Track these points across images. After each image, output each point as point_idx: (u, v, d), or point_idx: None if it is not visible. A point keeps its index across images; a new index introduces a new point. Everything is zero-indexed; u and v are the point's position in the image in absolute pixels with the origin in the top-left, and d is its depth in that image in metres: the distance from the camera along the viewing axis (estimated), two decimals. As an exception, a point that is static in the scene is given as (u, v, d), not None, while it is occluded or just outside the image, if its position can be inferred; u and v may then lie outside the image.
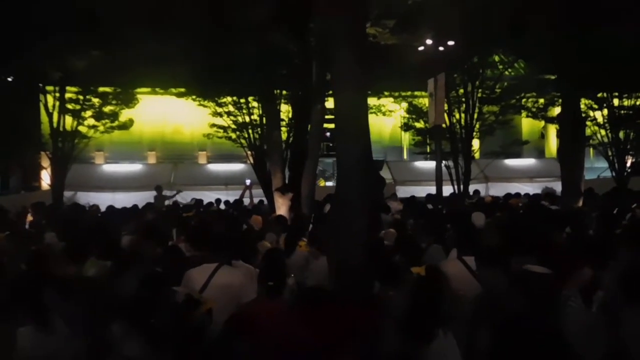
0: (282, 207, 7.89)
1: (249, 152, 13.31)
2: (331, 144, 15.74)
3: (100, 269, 3.88)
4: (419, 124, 15.50)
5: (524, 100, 15.32)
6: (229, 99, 13.32)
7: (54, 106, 12.65)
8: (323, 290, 3.04)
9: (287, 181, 8.62)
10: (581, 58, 8.62)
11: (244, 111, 13.19)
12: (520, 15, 9.51)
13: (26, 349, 2.64)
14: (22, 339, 2.67)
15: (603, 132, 13.72)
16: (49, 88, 12.75)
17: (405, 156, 20.62)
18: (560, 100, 11.06)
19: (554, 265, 3.07)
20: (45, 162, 13.26)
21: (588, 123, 13.12)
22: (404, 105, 16.26)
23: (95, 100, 13.15)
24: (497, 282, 3.00)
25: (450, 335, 2.55)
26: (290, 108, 12.18)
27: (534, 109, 15.41)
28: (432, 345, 2.50)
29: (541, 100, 15.23)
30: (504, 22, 10.29)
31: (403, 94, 16.14)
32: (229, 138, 14.05)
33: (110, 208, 9.32)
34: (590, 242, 3.97)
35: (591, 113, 13.60)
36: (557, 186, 10.62)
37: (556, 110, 14.36)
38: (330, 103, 8.92)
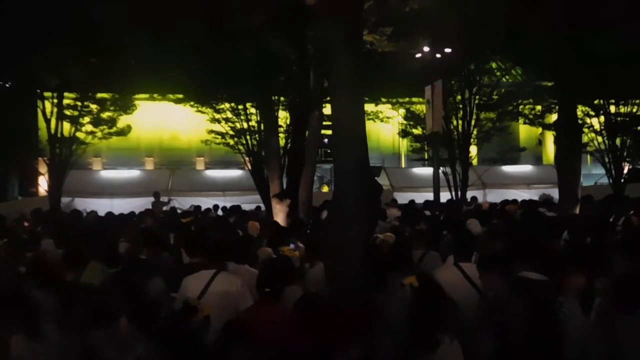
0: (279, 213, 7.90)
1: (246, 159, 13.31)
2: (329, 150, 15.77)
3: (101, 274, 3.88)
4: (417, 131, 15.56)
5: (521, 107, 15.41)
6: (227, 105, 13.34)
7: (51, 112, 12.64)
8: (318, 295, 3.04)
9: (284, 187, 8.63)
10: (578, 65, 8.67)
11: (242, 117, 13.20)
12: (517, 22, 9.59)
13: (19, 356, 2.62)
14: (15, 346, 2.65)
15: (600, 139, 13.79)
16: (47, 94, 12.76)
17: (402, 162, 20.67)
18: (557, 107, 11.12)
19: (549, 272, 3.08)
20: (43, 168, 13.24)
21: (585, 130, 13.19)
22: (402, 111, 16.32)
23: (93, 107, 13.17)
24: (498, 288, 3.01)
25: (456, 342, 2.55)
26: (288, 114, 12.22)
27: (531, 116, 15.49)
28: (437, 352, 2.49)
29: (538, 107, 15.31)
30: (500, 29, 10.36)
31: (401, 100, 16.21)
32: (227, 144, 14.06)
33: (109, 214, 9.30)
34: (586, 249, 3.98)
35: (588, 120, 13.67)
36: (555, 193, 10.65)
37: (553, 117, 14.43)
38: (328, 109, 8.98)
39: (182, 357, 2.61)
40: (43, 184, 13.74)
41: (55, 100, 12.66)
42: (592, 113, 13.68)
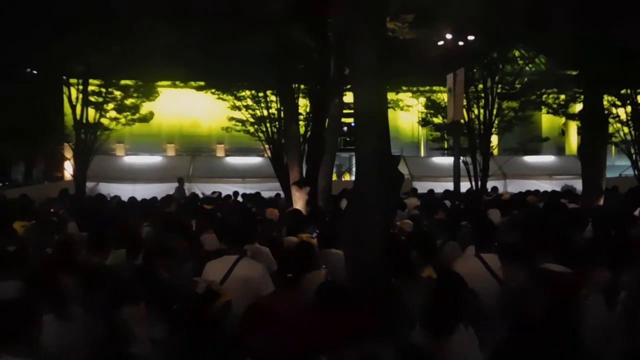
0: (299, 200, 7.93)
1: (266, 146, 13.41)
2: (348, 139, 15.74)
3: (122, 259, 3.99)
4: (437, 120, 15.40)
5: (544, 96, 15.09)
6: (248, 92, 13.42)
7: (77, 99, 12.93)
8: (341, 286, 3.05)
9: (304, 175, 8.66)
10: (603, 53, 8.42)
11: (262, 105, 13.28)
12: (541, 9, 9.34)
13: (47, 337, 2.72)
14: (46, 326, 2.75)
15: (626, 129, 13.44)
16: (73, 81, 13.04)
17: (422, 152, 20.50)
18: (582, 97, 10.85)
19: (572, 264, 3.05)
20: (68, 153, 13.58)
21: (610, 120, 12.85)
22: (422, 100, 16.16)
23: (117, 93, 13.40)
24: (519, 279, 3.00)
25: (471, 330, 2.57)
26: (308, 102, 12.21)
27: (554, 105, 15.16)
28: (452, 339, 2.51)
29: (562, 97, 14.97)
30: (524, 16, 10.12)
31: (421, 89, 16.04)
32: (247, 131, 14.17)
33: (132, 199, 9.49)
34: (611, 242, 3.91)
35: (614, 110, 13.31)
36: (577, 184, 10.45)
37: (577, 107, 14.09)
38: (348, 97, 8.96)
39: (201, 341, 2.68)
40: (68, 169, 14.08)
41: (81, 87, 12.93)
42: (619, 103, 13.32)
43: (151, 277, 3.13)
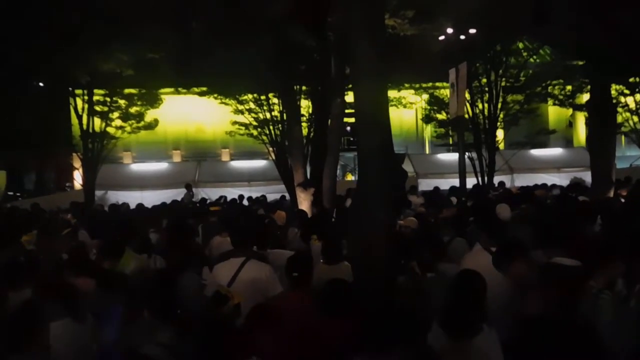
0: (304, 202, 7.93)
1: (270, 149, 13.43)
2: (352, 138, 15.74)
3: (137, 263, 4.03)
4: (441, 116, 15.32)
5: (550, 87, 14.95)
6: (250, 96, 13.47)
7: (83, 108, 13.06)
8: (348, 287, 3.03)
9: (308, 176, 8.66)
10: (611, 41, 8.30)
11: (265, 108, 13.32)
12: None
13: (60, 339, 2.74)
14: (60, 329, 2.76)
15: (635, 118, 13.29)
16: (78, 91, 13.19)
17: (427, 149, 20.42)
18: (588, 87, 10.74)
19: (584, 258, 3.00)
20: (77, 163, 13.71)
21: (619, 109, 12.72)
22: (425, 96, 16.09)
23: (122, 102, 13.53)
24: (524, 274, 2.96)
25: (493, 331, 2.50)
26: (310, 103, 12.22)
27: (561, 97, 15.02)
28: (475, 340, 2.45)
29: (568, 87, 14.82)
30: (526, 7, 10.02)
31: (424, 85, 15.98)
32: (251, 135, 14.23)
33: (140, 206, 9.56)
34: (623, 234, 3.85)
35: (622, 99, 13.17)
36: (586, 176, 10.36)
37: (584, 97, 13.95)
38: (350, 97, 8.92)
39: (212, 343, 2.68)
40: (78, 178, 14.22)
41: (86, 97, 13.06)
42: (627, 91, 13.17)
43: (170, 283, 3.12)
